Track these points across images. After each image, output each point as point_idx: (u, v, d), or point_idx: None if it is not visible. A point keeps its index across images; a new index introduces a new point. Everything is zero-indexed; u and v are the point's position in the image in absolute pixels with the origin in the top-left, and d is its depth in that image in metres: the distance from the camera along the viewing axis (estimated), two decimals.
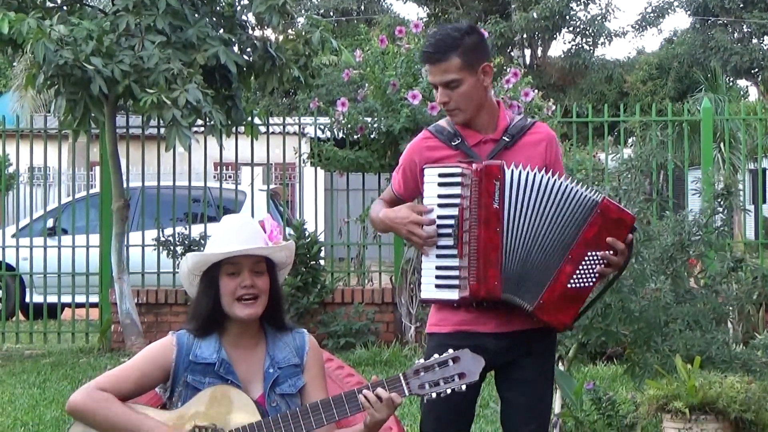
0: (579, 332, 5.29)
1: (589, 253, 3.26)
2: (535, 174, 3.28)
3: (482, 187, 3.26)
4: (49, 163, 10.89)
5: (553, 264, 3.27)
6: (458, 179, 3.30)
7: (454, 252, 3.29)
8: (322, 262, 10.21)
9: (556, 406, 5.43)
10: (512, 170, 3.27)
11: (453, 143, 3.42)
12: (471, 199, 3.27)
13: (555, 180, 3.28)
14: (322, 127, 9.65)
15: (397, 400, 3.00)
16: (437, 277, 3.33)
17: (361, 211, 10.48)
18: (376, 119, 9.08)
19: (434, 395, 3.00)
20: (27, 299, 11.09)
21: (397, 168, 3.59)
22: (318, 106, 9.92)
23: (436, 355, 3.02)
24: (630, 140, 13.14)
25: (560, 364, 5.78)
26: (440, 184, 3.34)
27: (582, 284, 3.28)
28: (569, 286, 3.26)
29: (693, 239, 5.46)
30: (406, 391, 3.01)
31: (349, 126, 9.19)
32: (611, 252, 3.28)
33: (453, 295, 3.32)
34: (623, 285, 5.12)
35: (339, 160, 9.47)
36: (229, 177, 16.06)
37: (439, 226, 3.33)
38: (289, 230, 10.39)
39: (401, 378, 3.02)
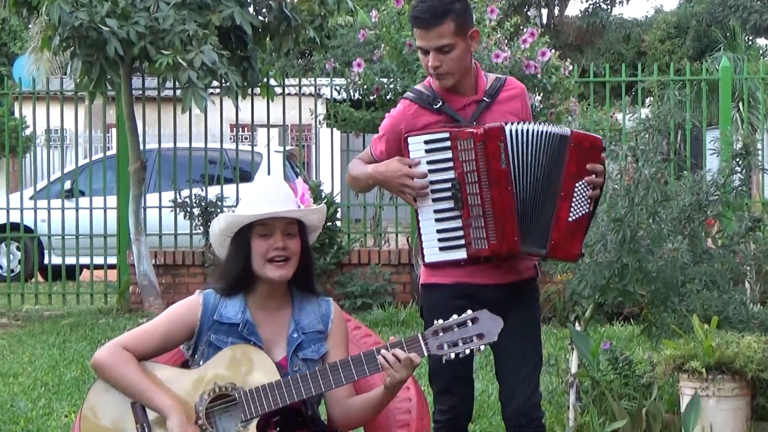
0: (596, 292, 5.29)
1: (577, 184, 3.41)
2: (529, 128, 3.41)
3: (488, 149, 3.36)
4: (66, 125, 10.92)
5: (551, 206, 3.41)
6: (447, 143, 3.41)
7: (456, 213, 3.40)
8: (338, 223, 10.23)
9: (573, 367, 5.45)
10: (510, 129, 3.40)
11: (435, 106, 3.52)
12: (474, 162, 3.37)
13: (537, 128, 3.42)
14: (338, 88, 9.62)
15: (416, 361, 3.01)
16: (440, 240, 3.45)
17: None
18: (392, 80, 9.04)
19: (453, 355, 3.01)
20: (46, 261, 11.17)
21: (377, 136, 3.65)
22: (334, 67, 9.89)
23: (455, 316, 3.03)
24: (647, 100, 13.07)
25: (577, 324, 5.79)
26: (428, 151, 3.44)
27: (580, 214, 3.43)
28: (570, 219, 3.41)
29: (711, 199, 5.44)
30: (425, 352, 3.02)
31: (365, 87, 9.15)
32: (594, 176, 3.42)
33: (460, 254, 3.45)
34: (640, 245, 5.11)
35: (355, 121, 9.45)
36: (245, 138, 16.06)
37: (435, 191, 3.42)
38: None
39: (420, 338, 3.03)
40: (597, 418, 5.22)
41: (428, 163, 3.43)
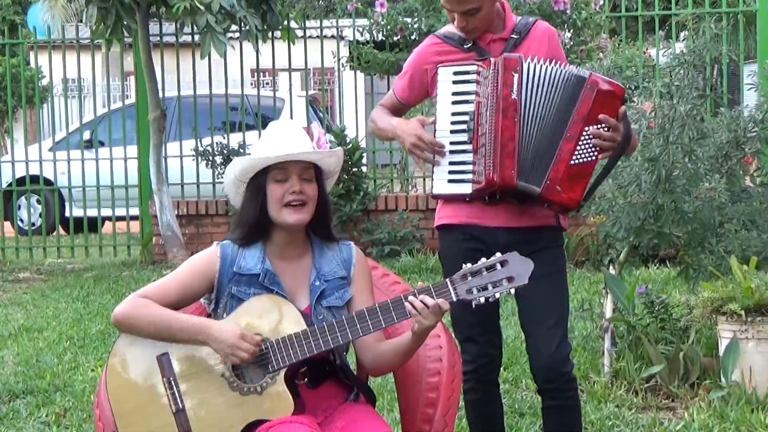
0: (630, 234, 5.28)
1: (586, 128, 3.38)
2: (545, 65, 3.41)
3: (501, 78, 3.39)
4: (83, 74, 10.93)
5: (555, 144, 3.39)
6: (473, 77, 3.44)
7: (468, 147, 3.43)
8: (364, 168, 10.22)
9: (607, 311, 5.45)
10: (529, 63, 3.41)
11: (465, 46, 3.56)
12: (489, 91, 3.40)
13: (558, 68, 3.42)
14: (360, 29, 9.57)
15: (445, 307, 3.00)
16: (450, 172, 3.48)
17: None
18: (416, 19, 8.98)
19: (482, 300, 3.00)
20: (67, 214, 11.25)
21: (400, 74, 3.72)
22: (356, 7, 9.81)
23: (483, 259, 3.02)
24: (682, 34, 12.91)
25: (611, 267, 5.78)
26: (455, 82, 3.48)
27: (584, 159, 3.40)
28: (572, 162, 3.38)
29: (749, 136, 5.40)
30: (454, 297, 3.01)
31: (388, 27, 9.10)
32: (604, 128, 3.38)
33: (466, 189, 3.47)
34: (676, 185, 5.08)
35: (379, 62, 9.41)
36: (267, 84, 16.03)
37: (453, 123, 3.46)
38: (329, 137, 10.40)
39: (448, 283, 3.02)
40: (633, 363, 5.23)
41: (453, 94, 3.47)
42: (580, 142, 3.38)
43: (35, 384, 5.59)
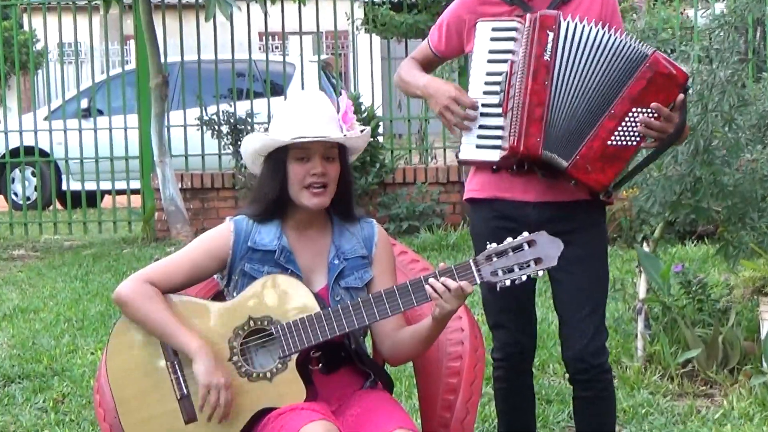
0: (666, 209, 5.26)
1: (633, 110, 3.30)
2: (591, 28, 3.32)
3: (534, 37, 3.31)
4: (80, 38, 10.93)
5: (594, 119, 3.31)
6: (512, 34, 3.37)
7: (499, 111, 3.36)
8: (380, 138, 10.22)
9: (641, 291, 5.45)
10: (568, 22, 3.32)
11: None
12: (522, 51, 3.32)
13: (610, 35, 3.32)
14: None
15: (468, 289, 3.00)
16: (479, 137, 3.41)
17: None
18: None
19: (508, 282, 2.99)
20: (64, 187, 11.28)
21: (436, 24, 3.64)
22: None
23: (509, 239, 3.01)
24: None
25: (645, 244, 5.78)
26: (493, 39, 3.40)
27: (623, 143, 3.31)
28: (609, 143, 3.30)
29: None
30: (477, 279, 3.00)
31: None
32: (654, 115, 3.29)
33: (493, 156, 3.39)
34: (715, 156, 5.07)
35: (396, 25, 9.40)
36: (276, 48, 16.03)
37: (487, 84, 3.39)
38: None
39: (472, 264, 3.01)
40: (668, 347, 5.23)
41: (489, 52, 3.40)
42: (624, 123, 3.29)
43: (31, 368, 5.63)
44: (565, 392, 4.91)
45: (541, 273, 3.00)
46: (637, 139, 3.31)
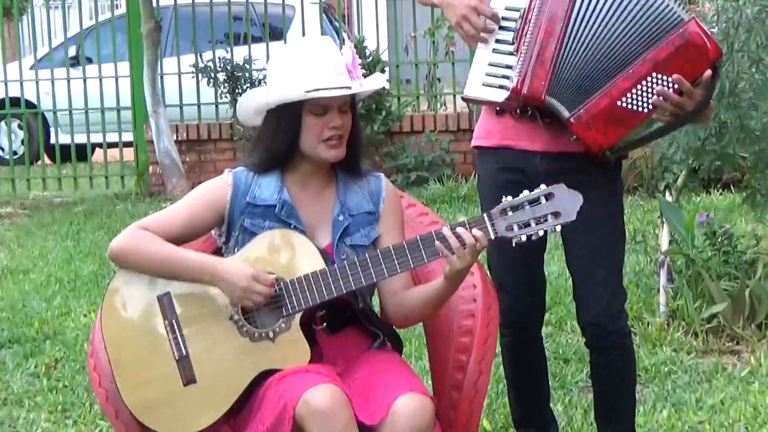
0: (689, 156, 5.26)
1: (654, 75, 3.23)
2: None
3: None
4: None
5: (609, 75, 3.25)
6: None
7: (512, 49, 3.31)
8: (386, 84, 10.19)
9: (663, 243, 5.45)
10: None
11: None
12: None
13: None
14: None
15: (483, 242, 2.98)
16: (487, 74, 3.35)
17: (430, 23, 10.37)
18: None
19: (524, 237, 2.98)
20: (52, 140, 11.28)
21: None
22: None
23: (525, 192, 3.01)
24: None
25: (667, 194, 5.78)
26: None
27: (634, 107, 3.25)
28: (619, 104, 3.24)
29: None
30: (492, 234, 3.00)
31: None
32: (674, 86, 3.23)
33: (498, 96, 3.33)
34: (741, 99, 5.05)
35: None
36: None
37: (503, 19, 3.34)
38: None
39: (485, 219, 3.01)
40: (692, 301, 5.24)
41: None
42: (639, 86, 3.23)
43: (22, 332, 5.66)
44: (583, 351, 4.91)
45: (558, 228, 2.99)
46: (650, 107, 3.25)
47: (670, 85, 3.23)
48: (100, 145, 10.84)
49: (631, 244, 6.09)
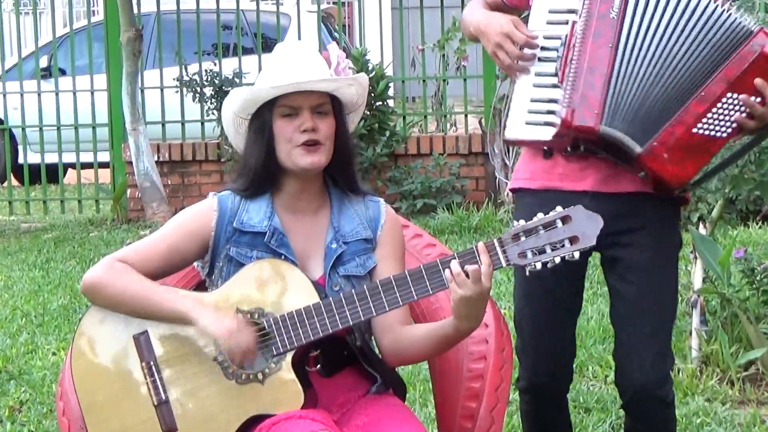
0: (725, 185, 5.26)
1: (728, 94, 3.21)
2: None
3: None
4: None
5: (679, 100, 3.22)
6: None
7: (555, 80, 3.27)
8: (391, 102, 10.21)
9: (696, 281, 5.45)
10: None
11: None
12: (586, 9, 3.24)
13: (710, 2, 3.21)
14: None
15: (486, 269, 2.96)
16: (530, 111, 3.32)
17: (440, 35, 10.41)
18: None
19: (539, 265, 2.97)
20: (20, 160, 11.30)
21: None
22: None
23: (540, 215, 3.00)
24: None
25: (701, 226, 5.78)
26: None
27: (712, 132, 3.22)
28: (695, 131, 3.21)
29: None
30: (503, 261, 2.98)
31: None
32: (758, 99, 3.21)
33: (545, 134, 3.29)
34: None
35: None
36: None
37: (543, 49, 3.31)
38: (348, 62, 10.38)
39: (496, 244, 3.01)
40: (728, 346, 5.24)
41: (550, 12, 3.32)
42: (716, 109, 3.20)
43: None
44: (607, 399, 4.92)
45: (577, 255, 2.97)
46: (729, 129, 3.23)
47: (750, 99, 3.20)
48: (73, 166, 10.85)
49: None
